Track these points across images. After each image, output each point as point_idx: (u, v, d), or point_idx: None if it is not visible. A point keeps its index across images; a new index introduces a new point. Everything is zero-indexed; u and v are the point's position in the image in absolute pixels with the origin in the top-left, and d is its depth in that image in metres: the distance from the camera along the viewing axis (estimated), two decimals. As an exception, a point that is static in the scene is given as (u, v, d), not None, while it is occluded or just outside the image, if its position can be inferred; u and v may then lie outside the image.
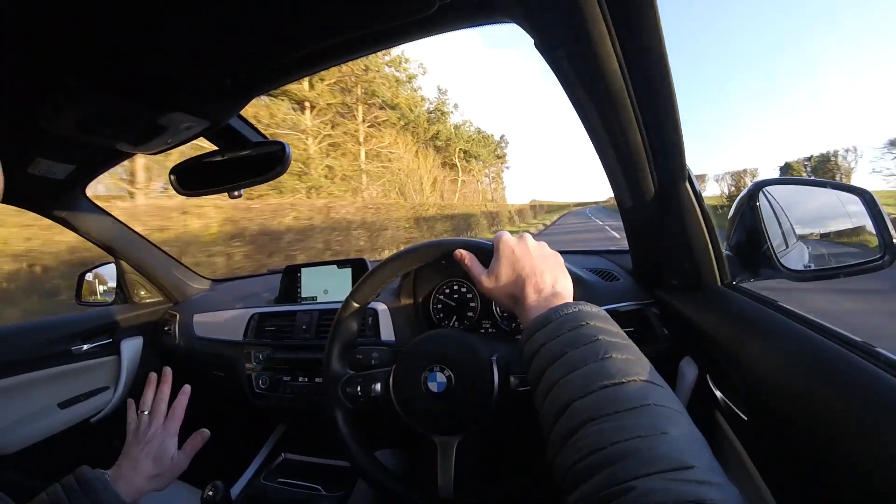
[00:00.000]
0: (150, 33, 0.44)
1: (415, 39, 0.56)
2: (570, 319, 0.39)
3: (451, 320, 1.00)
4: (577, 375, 0.34)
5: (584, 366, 0.34)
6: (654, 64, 0.47)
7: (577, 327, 0.38)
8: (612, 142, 0.59)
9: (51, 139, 0.72)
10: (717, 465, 0.28)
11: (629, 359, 0.35)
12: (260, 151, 0.74)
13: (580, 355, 0.35)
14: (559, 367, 0.36)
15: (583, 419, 0.31)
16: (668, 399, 0.32)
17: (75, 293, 1.32)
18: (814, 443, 0.37)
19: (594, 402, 0.32)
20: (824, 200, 0.67)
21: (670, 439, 0.28)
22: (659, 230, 0.71)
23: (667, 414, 0.30)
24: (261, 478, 1.12)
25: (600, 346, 0.36)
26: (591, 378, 0.33)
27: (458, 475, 0.55)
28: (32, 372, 1.04)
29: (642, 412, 0.30)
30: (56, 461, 1.09)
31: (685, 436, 0.29)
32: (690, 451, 0.28)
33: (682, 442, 0.28)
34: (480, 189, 27.42)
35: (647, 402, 0.31)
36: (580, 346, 0.36)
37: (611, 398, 0.32)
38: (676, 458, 0.27)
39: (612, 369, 0.34)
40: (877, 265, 0.57)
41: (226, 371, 1.17)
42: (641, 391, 0.32)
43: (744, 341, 0.52)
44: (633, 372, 0.33)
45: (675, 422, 0.30)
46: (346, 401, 0.61)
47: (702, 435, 0.30)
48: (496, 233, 0.53)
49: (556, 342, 0.38)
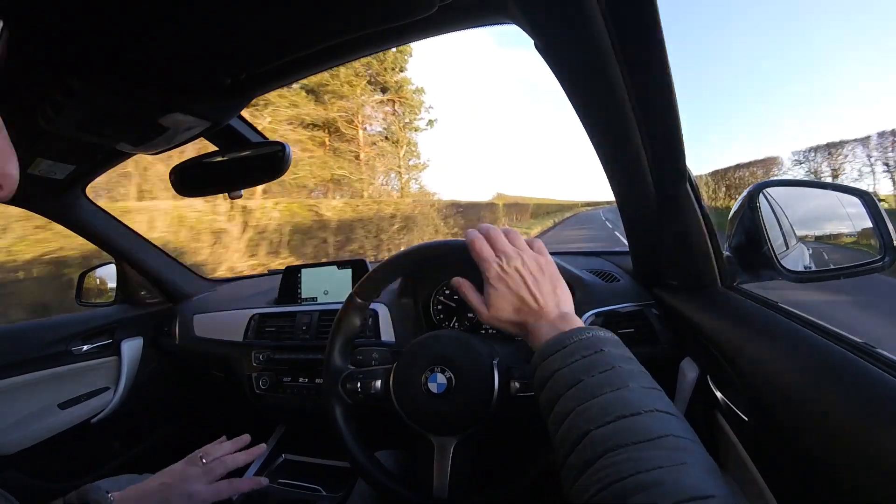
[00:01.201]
0: (151, 33, 0.44)
1: (415, 40, 0.56)
2: (584, 345, 0.38)
3: (451, 321, 1.00)
4: (594, 404, 0.34)
5: (601, 395, 0.34)
6: (653, 64, 0.47)
7: (593, 354, 0.38)
8: (612, 142, 0.59)
9: (51, 139, 0.72)
10: (734, 495, 0.28)
11: (645, 387, 0.35)
12: (260, 151, 0.75)
13: (597, 383, 0.35)
14: (574, 396, 0.35)
15: (602, 450, 0.31)
16: (684, 430, 0.33)
17: (75, 293, 1.32)
18: (814, 443, 0.37)
19: (613, 432, 0.32)
20: (824, 202, 0.67)
21: (689, 470, 0.28)
22: (659, 230, 0.71)
23: (684, 445, 0.31)
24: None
25: (616, 374, 0.36)
26: (609, 408, 0.33)
27: (454, 476, 0.55)
28: (33, 372, 1.04)
29: (661, 443, 0.30)
30: (56, 462, 1.09)
31: (703, 466, 0.29)
32: (709, 482, 0.28)
33: (701, 472, 0.29)
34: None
35: (666, 434, 0.31)
36: (596, 374, 0.36)
37: (630, 429, 0.32)
38: (696, 488, 0.27)
39: (630, 399, 0.34)
40: (877, 266, 0.56)
41: (226, 372, 1.17)
42: (659, 422, 0.32)
43: (744, 342, 0.52)
44: (650, 403, 0.34)
45: (691, 452, 0.30)
46: (345, 396, 0.61)
47: (717, 465, 0.31)
48: (468, 235, 0.49)
49: (570, 369, 0.37)
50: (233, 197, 0.81)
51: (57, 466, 1.10)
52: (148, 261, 1.29)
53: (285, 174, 0.73)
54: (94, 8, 0.40)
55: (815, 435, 0.37)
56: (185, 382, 1.39)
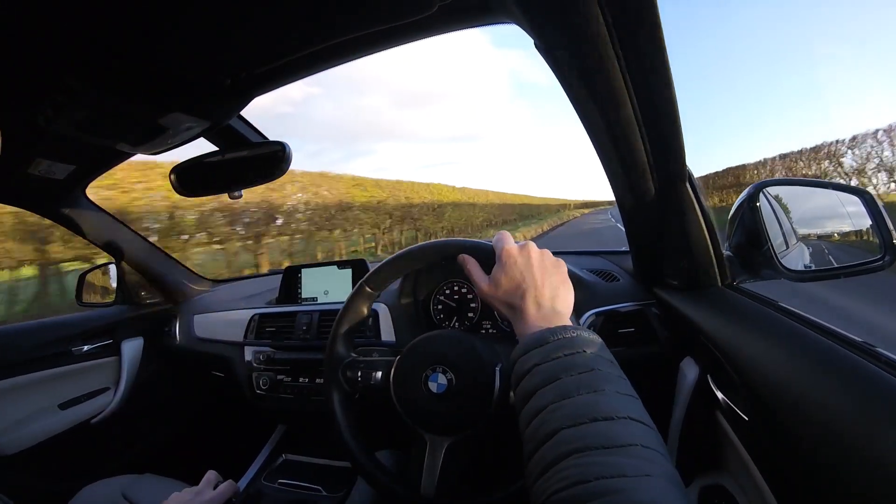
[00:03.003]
0: (151, 33, 0.44)
1: (415, 40, 0.56)
2: (566, 344, 0.38)
3: (451, 321, 1.00)
4: (568, 404, 0.34)
5: (576, 395, 0.34)
6: (653, 63, 0.47)
7: (574, 354, 0.37)
8: (612, 142, 0.58)
9: (51, 139, 0.72)
10: None
11: (621, 394, 0.35)
12: (260, 151, 0.74)
13: (574, 383, 0.35)
14: (550, 392, 0.35)
15: (569, 449, 0.31)
16: (654, 441, 0.32)
17: (76, 294, 1.32)
18: (814, 443, 0.37)
19: (583, 434, 0.32)
20: (825, 201, 0.67)
21: (653, 483, 0.28)
22: (659, 230, 0.71)
23: (652, 457, 0.31)
24: (261, 478, 1.12)
25: (594, 377, 0.36)
26: (583, 409, 0.33)
27: (443, 476, 0.55)
28: (33, 373, 1.04)
29: (629, 452, 0.30)
30: (56, 462, 1.09)
31: (666, 480, 0.29)
32: (669, 497, 0.28)
33: (664, 487, 0.29)
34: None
35: (635, 443, 0.31)
36: (574, 374, 0.36)
37: (600, 433, 0.32)
38: (656, 501, 0.27)
39: (604, 404, 0.33)
40: (877, 266, 0.57)
41: (226, 372, 1.17)
42: (630, 429, 0.32)
43: (745, 342, 0.52)
44: (624, 409, 0.33)
45: (658, 465, 0.30)
46: (345, 384, 0.61)
47: (681, 479, 0.31)
48: (497, 235, 0.51)
49: (549, 365, 0.37)
50: (233, 197, 0.81)
51: (57, 466, 1.10)
52: (148, 261, 1.29)
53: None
54: (94, 8, 0.40)
55: (815, 434, 0.37)
56: (185, 383, 1.39)
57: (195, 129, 0.64)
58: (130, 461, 1.24)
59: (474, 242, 0.57)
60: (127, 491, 0.81)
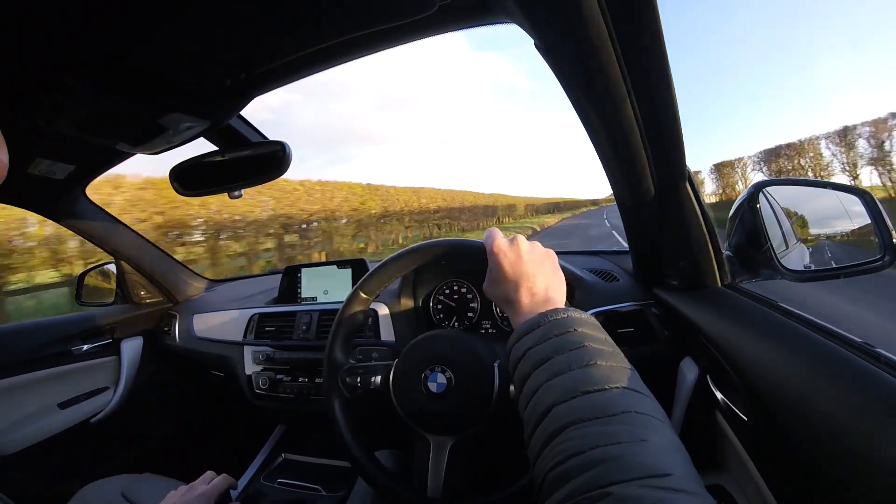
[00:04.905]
0: (151, 33, 0.44)
1: (415, 40, 0.56)
2: (557, 325, 0.39)
3: (451, 321, 1.00)
4: (560, 380, 0.34)
5: (568, 371, 0.34)
6: (653, 63, 0.47)
7: (564, 333, 0.38)
8: (612, 141, 0.58)
9: (51, 139, 0.72)
10: (694, 474, 0.28)
11: (613, 366, 0.35)
12: (260, 151, 0.75)
13: (565, 360, 0.35)
14: (543, 372, 0.36)
15: (563, 424, 0.31)
16: (650, 408, 0.32)
17: (75, 293, 1.32)
18: (814, 443, 0.37)
19: (576, 407, 0.32)
20: (825, 201, 0.67)
21: (649, 447, 0.28)
22: (659, 230, 0.71)
23: (647, 422, 0.31)
24: (261, 478, 1.12)
25: (585, 352, 0.36)
26: (575, 383, 0.33)
27: (448, 477, 0.55)
28: (32, 372, 1.04)
29: (623, 419, 0.30)
30: (56, 462, 1.09)
31: (665, 444, 0.29)
32: (668, 460, 0.28)
33: (661, 450, 0.28)
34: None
35: (629, 410, 0.31)
36: (566, 352, 0.36)
37: (592, 404, 0.32)
38: (654, 465, 0.27)
39: (596, 375, 0.34)
40: (877, 266, 0.56)
41: (225, 371, 1.17)
42: (624, 398, 0.32)
43: (744, 342, 0.52)
44: (617, 379, 0.34)
45: (655, 430, 0.30)
46: (344, 390, 0.62)
47: (682, 444, 0.30)
48: (487, 232, 0.51)
49: (542, 347, 0.37)
50: (233, 197, 0.81)
51: (56, 466, 1.10)
52: (148, 261, 1.29)
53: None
54: (94, 8, 0.40)
55: (814, 434, 0.37)
56: (184, 382, 1.39)
57: (195, 128, 0.64)
58: (130, 461, 1.24)
59: (465, 242, 0.57)
60: (126, 490, 0.80)
